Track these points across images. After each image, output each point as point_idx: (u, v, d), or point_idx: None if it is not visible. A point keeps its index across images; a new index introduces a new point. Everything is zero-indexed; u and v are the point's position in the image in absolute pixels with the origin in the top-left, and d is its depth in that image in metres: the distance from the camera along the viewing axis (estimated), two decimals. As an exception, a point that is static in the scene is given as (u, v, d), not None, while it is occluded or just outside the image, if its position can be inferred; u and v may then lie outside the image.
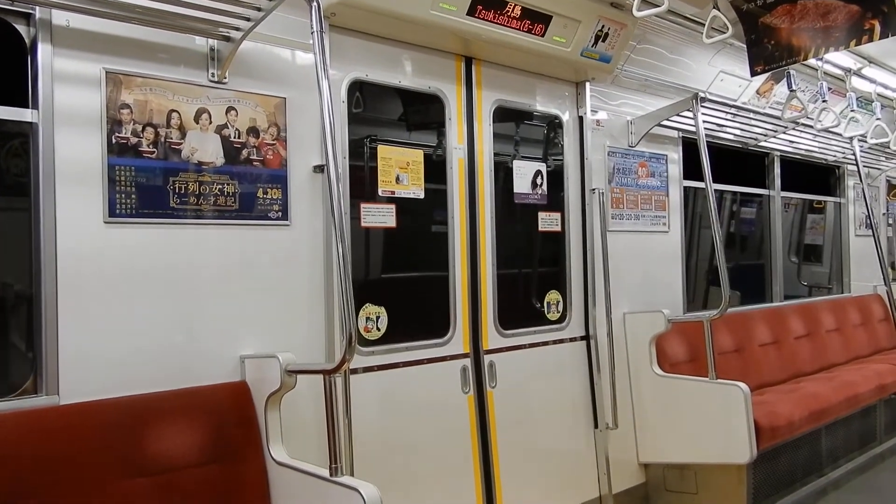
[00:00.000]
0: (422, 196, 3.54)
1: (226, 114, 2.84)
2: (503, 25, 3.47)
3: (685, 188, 5.05)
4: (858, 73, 5.43)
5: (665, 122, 4.66)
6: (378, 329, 3.35)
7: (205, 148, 2.78)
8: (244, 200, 2.88)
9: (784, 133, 5.66)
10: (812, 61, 4.55)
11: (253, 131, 2.91)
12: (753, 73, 4.12)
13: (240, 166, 2.87)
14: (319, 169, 3.07)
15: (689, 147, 4.93)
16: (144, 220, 2.63)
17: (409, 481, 3.34)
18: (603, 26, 3.81)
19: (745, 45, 4.04)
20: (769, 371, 5.29)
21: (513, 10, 3.46)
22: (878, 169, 7.33)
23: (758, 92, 5.32)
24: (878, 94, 5.76)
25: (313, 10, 2.35)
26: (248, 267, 2.89)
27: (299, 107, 3.04)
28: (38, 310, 2.43)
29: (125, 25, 2.56)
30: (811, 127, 5.52)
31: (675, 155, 4.97)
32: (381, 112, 3.64)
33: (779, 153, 6.15)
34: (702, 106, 4.37)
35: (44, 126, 2.42)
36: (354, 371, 3.16)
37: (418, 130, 3.75)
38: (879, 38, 3.60)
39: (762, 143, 5.75)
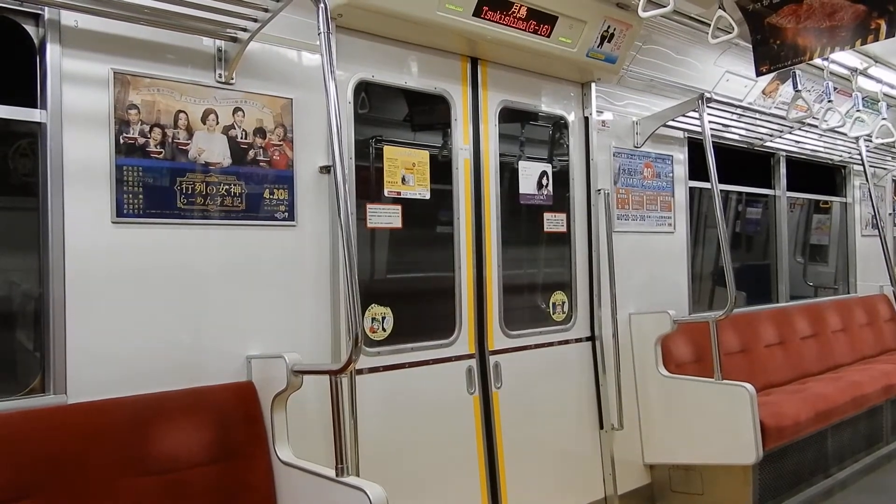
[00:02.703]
0: (427, 197, 3.54)
1: (233, 114, 2.84)
2: (509, 26, 3.47)
3: (690, 188, 5.05)
4: (864, 73, 5.42)
5: (671, 123, 4.65)
6: (384, 329, 3.35)
7: (212, 148, 2.79)
8: (251, 201, 2.89)
9: (790, 133, 5.65)
10: (818, 61, 4.54)
11: (259, 132, 2.92)
12: (759, 73, 4.11)
13: (246, 167, 2.88)
14: (325, 169, 3.08)
15: (695, 147, 4.92)
16: (152, 220, 2.64)
17: (414, 482, 3.34)
18: (609, 27, 3.81)
19: (750, 45, 4.03)
20: (775, 371, 5.27)
21: (519, 11, 3.46)
22: (884, 169, 7.31)
23: (763, 92, 5.31)
24: (884, 94, 5.75)
25: (320, 11, 2.35)
26: (255, 267, 2.90)
27: (306, 107, 3.05)
28: (46, 309, 2.44)
29: (133, 26, 2.57)
30: (816, 127, 5.51)
31: (681, 155, 4.97)
32: (387, 113, 3.65)
33: (784, 153, 6.14)
34: (707, 106, 4.36)
35: (52, 126, 2.43)
36: (360, 371, 3.17)
37: (424, 131, 3.75)
38: (885, 38, 3.59)
39: (768, 144, 5.74)
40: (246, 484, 2.68)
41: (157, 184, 2.65)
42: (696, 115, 4.42)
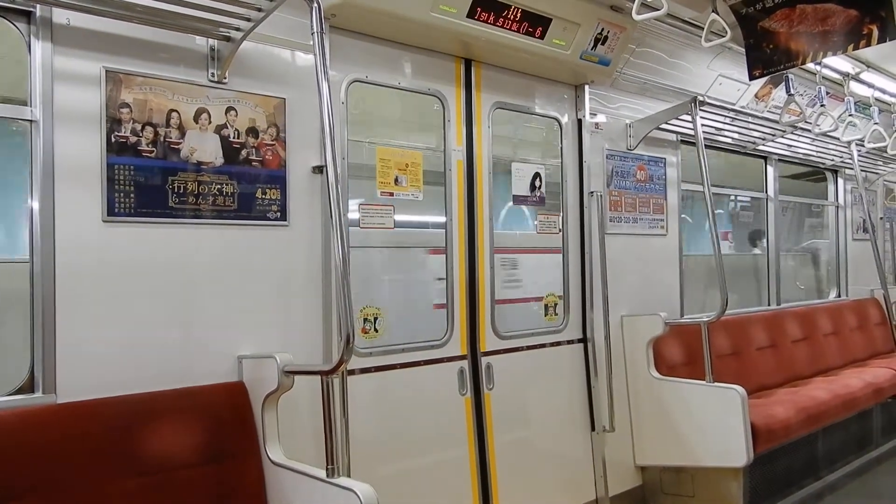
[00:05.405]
0: (420, 198, 3.54)
1: (225, 114, 2.84)
2: (503, 28, 3.47)
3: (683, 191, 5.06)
4: (856, 78, 5.44)
5: (664, 126, 4.66)
6: (376, 330, 3.35)
7: (204, 148, 2.78)
8: (243, 201, 2.88)
9: (782, 137, 5.68)
10: (810, 65, 4.57)
11: (252, 131, 2.91)
12: (752, 77, 4.13)
13: (239, 166, 2.87)
14: (318, 170, 3.07)
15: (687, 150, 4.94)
16: (143, 219, 2.63)
17: (405, 483, 3.34)
18: (602, 29, 3.82)
19: (743, 49, 4.05)
20: (766, 374, 5.29)
21: (512, 13, 3.46)
22: (876, 173, 7.35)
23: (756, 96, 5.33)
24: (876, 99, 5.78)
25: (314, 11, 2.35)
26: (247, 267, 2.89)
27: (299, 107, 3.04)
28: (36, 308, 2.43)
29: (126, 24, 2.56)
30: (809, 131, 5.54)
31: (674, 158, 4.98)
32: (380, 113, 3.64)
33: (777, 157, 6.17)
34: (700, 109, 4.37)
35: (43, 124, 2.42)
36: (352, 372, 3.16)
37: (417, 132, 3.75)
38: (877, 43, 3.61)
39: (760, 147, 5.77)
40: (236, 484, 2.67)
41: (148, 183, 2.64)
42: (689, 118, 4.44)
